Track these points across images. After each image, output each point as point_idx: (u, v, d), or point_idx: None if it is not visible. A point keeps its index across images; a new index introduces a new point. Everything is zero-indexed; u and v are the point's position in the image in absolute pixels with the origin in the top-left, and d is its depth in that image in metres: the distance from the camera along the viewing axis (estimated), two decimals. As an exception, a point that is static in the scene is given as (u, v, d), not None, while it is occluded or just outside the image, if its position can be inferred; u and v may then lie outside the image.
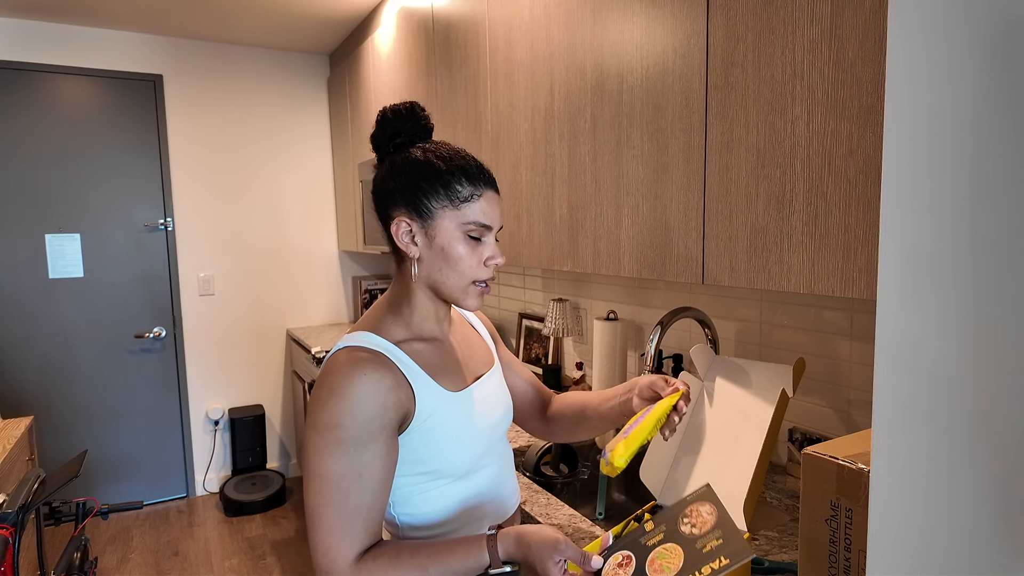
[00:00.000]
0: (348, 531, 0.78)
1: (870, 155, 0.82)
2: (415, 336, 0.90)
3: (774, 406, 1.08)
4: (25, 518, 1.36)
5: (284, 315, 3.60)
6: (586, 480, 1.68)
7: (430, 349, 0.91)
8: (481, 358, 1.01)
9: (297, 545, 2.90)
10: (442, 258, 0.86)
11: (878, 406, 0.44)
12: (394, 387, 0.81)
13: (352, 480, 0.78)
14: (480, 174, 0.87)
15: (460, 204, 0.85)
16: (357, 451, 0.78)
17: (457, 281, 0.87)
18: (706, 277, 1.11)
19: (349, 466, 0.78)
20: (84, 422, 3.16)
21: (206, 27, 3.06)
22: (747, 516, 1.00)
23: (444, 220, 0.85)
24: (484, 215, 0.86)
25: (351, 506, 0.78)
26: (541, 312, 2.29)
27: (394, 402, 0.81)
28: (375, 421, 0.79)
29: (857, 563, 0.71)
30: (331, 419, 0.78)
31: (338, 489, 0.78)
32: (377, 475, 0.80)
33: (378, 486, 0.80)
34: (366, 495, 0.79)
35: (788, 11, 0.91)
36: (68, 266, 3.06)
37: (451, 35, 1.98)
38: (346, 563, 0.77)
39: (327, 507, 0.78)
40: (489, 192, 0.88)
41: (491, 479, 0.96)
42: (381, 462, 0.80)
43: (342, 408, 0.78)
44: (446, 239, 0.85)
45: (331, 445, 0.78)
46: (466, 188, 0.85)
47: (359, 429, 0.78)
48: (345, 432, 0.78)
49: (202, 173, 3.32)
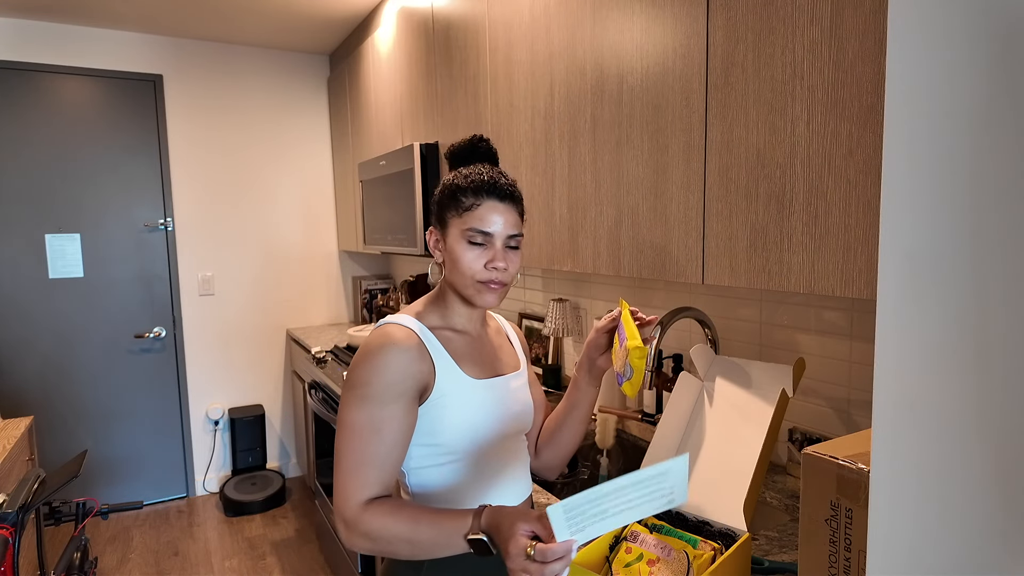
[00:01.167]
0: (362, 475, 0.88)
1: (870, 155, 0.82)
2: (448, 326, 1.02)
3: (774, 406, 1.08)
4: (25, 518, 1.36)
5: (284, 315, 3.60)
6: (586, 480, 1.68)
7: (459, 339, 1.02)
8: (508, 361, 1.08)
9: (297, 545, 2.90)
10: (451, 261, 0.97)
11: (878, 406, 0.44)
12: (417, 359, 0.92)
13: (371, 431, 0.89)
14: (484, 185, 0.95)
15: (463, 212, 0.95)
16: (378, 407, 0.89)
17: (462, 280, 0.96)
18: (706, 277, 1.11)
19: (370, 419, 0.89)
20: (84, 422, 3.16)
21: (206, 27, 3.06)
22: (747, 516, 1.00)
23: (453, 228, 0.96)
24: (482, 221, 0.94)
25: (368, 454, 0.88)
26: (541, 312, 2.29)
27: (415, 372, 0.92)
28: (397, 385, 0.90)
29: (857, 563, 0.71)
30: (360, 378, 0.90)
31: (359, 437, 0.89)
32: (393, 432, 0.90)
33: (392, 442, 0.90)
34: (381, 447, 0.89)
35: (788, 11, 0.91)
36: (68, 266, 3.06)
37: (451, 35, 1.98)
38: (356, 503, 0.87)
39: (348, 452, 0.89)
40: (491, 201, 0.95)
41: (502, 469, 1.02)
42: (398, 422, 0.90)
43: (370, 369, 0.90)
44: (452, 244, 0.96)
45: (358, 400, 0.90)
46: (469, 198, 0.95)
47: (382, 389, 0.89)
48: (370, 389, 0.89)
49: (202, 173, 3.32)
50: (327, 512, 2.63)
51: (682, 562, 0.91)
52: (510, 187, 0.97)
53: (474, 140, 1.03)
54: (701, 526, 1.03)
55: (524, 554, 0.73)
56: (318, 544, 2.90)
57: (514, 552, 0.74)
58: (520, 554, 0.73)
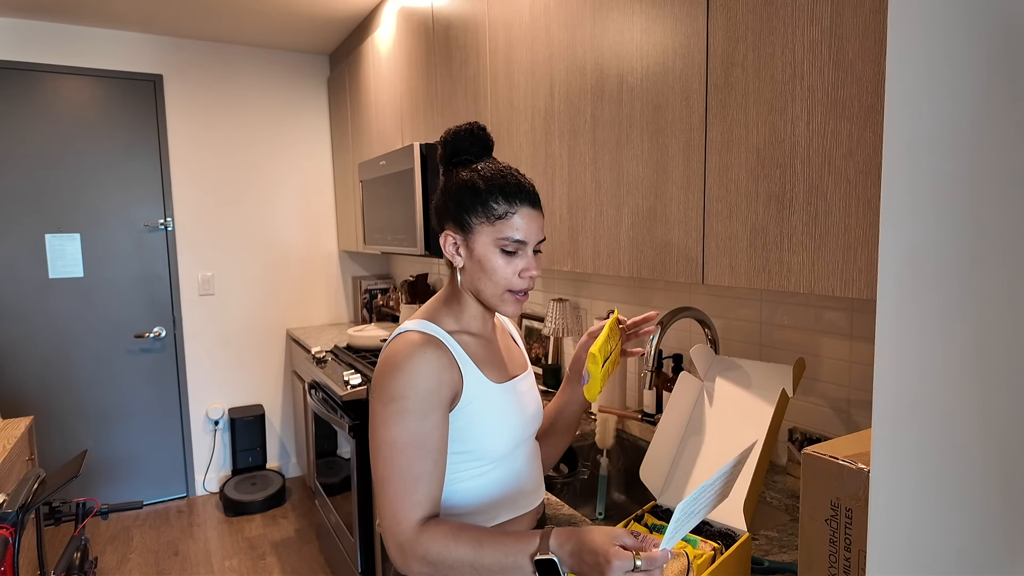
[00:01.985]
0: (412, 494, 0.85)
1: (870, 155, 0.82)
2: (464, 330, 0.99)
3: (774, 406, 1.08)
4: (25, 518, 1.35)
5: (284, 315, 3.60)
6: (586, 480, 1.68)
7: (476, 343, 1.00)
8: (517, 361, 1.08)
9: (297, 545, 2.90)
10: (480, 269, 0.94)
11: (878, 406, 0.44)
12: (448, 367, 0.90)
13: (416, 447, 0.85)
14: (517, 192, 0.92)
15: (495, 221, 0.92)
16: (419, 421, 0.86)
17: (493, 289, 0.94)
18: (706, 277, 1.11)
19: (413, 434, 0.85)
20: (84, 422, 3.16)
21: (206, 27, 3.06)
22: (747, 516, 1.00)
23: (482, 235, 0.93)
24: (518, 231, 0.92)
25: (415, 471, 0.85)
26: (541, 312, 2.29)
27: (448, 380, 0.89)
28: (434, 394, 0.87)
29: (857, 563, 0.71)
30: (395, 391, 0.86)
31: (403, 454, 0.85)
32: (437, 444, 0.87)
33: (438, 454, 0.87)
34: (428, 462, 0.86)
35: (788, 11, 0.91)
36: (68, 266, 3.06)
37: (451, 35, 1.98)
38: (410, 525, 0.84)
39: (394, 472, 0.85)
40: (525, 208, 0.93)
41: (521, 470, 1.02)
42: (439, 432, 0.88)
43: (404, 381, 0.86)
44: (483, 252, 0.93)
45: (396, 415, 0.86)
46: (501, 206, 0.92)
47: (420, 401, 0.86)
48: (408, 403, 0.86)
49: (202, 173, 3.32)
50: (327, 512, 2.63)
51: (682, 562, 0.91)
52: (535, 192, 0.95)
53: (473, 128, 0.98)
54: (701, 526, 1.03)
55: (630, 566, 0.71)
56: (318, 544, 2.90)
57: (617, 565, 0.72)
58: (624, 566, 0.71)
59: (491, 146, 1.01)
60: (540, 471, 1.09)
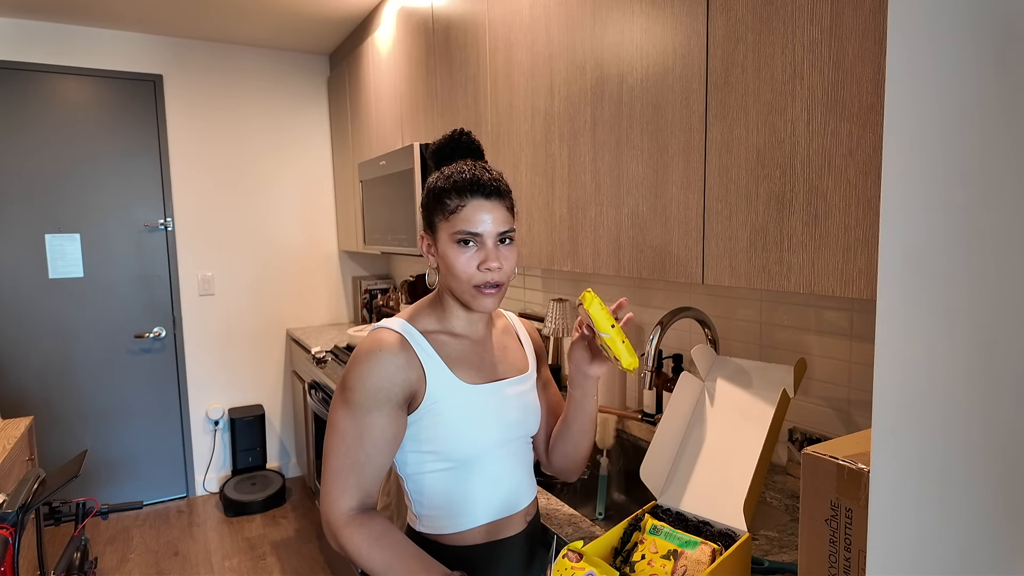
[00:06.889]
0: (343, 480, 0.90)
1: (870, 155, 0.82)
2: (445, 330, 1.00)
3: (775, 406, 1.08)
4: (25, 518, 1.35)
5: (284, 315, 3.59)
6: (586, 480, 1.68)
7: (456, 343, 1.00)
8: (513, 364, 1.06)
9: (297, 545, 2.90)
10: (446, 266, 0.94)
11: (878, 406, 0.44)
12: (404, 367, 0.92)
13: (354, 437, 0.90)
14: (469, 185, 0.92)
15: (449, 215, 0.93)
16: (361, 414, 0.90)
17: (459, 285, 0.94)
18: (706, 277, 1.11)
19: (353, 424, 0.90)
20: (84, 422, 3.16)
21: (206, 27, 3.06)
22: (747, 516, 1.00)
23: (442, 232, 0.94)
24: (469, 223, 0.91)
25: (350, 460, 0.90)
26: (541, 312, 2.29)
27: (402, 380, 0.92)
28: (381, 392, 0.90)
29: (857, 563, 0.71)
30: (348, 382, 0.91)
31: (343, 441, 0.91)
32: (375, 439, 0.90)
33: (374, 449, 0.90)
34: (361, 454, 0.90)
35: (788, 11, 0.91)
36: (68, 266, 3.06)
37: (451, 35, 1.98)
38: (338, 509, 0.90)
39: (333, 455, 0.91)
40: (477, 200, 0.92)
41: (501, 474, 1.01)
42: (380, 430, 0.90)
43: (356, 375, 0.91)
44: (443, 249, 0.94)
45: (343, 404, 0.91)
46: (453, 200, 0.92)
47: (366, 396, 0.90)
48: (355, 395, 0.90)
49: (202, 173, 3.32)
50: (327, 512, 2.63)
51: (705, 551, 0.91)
52: (494, 182, 0.92)
53: (455, 135, 0.99)
54: (701, 526, 1.03)
55: None
56: (318, 544, 2.90)
57: None
58: None
59: (477, 150, 1.00)
60: (529, 474, 1.07)
